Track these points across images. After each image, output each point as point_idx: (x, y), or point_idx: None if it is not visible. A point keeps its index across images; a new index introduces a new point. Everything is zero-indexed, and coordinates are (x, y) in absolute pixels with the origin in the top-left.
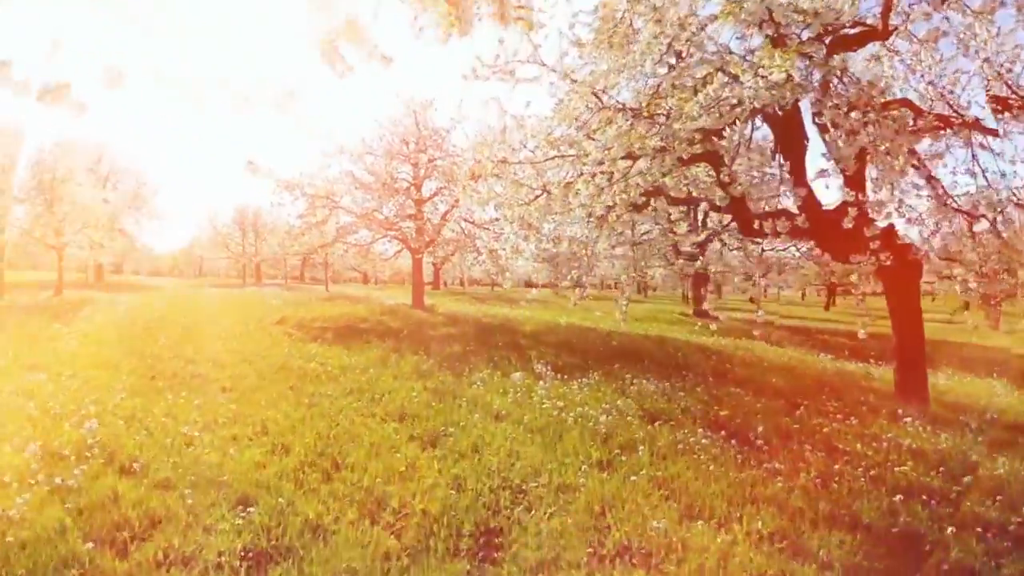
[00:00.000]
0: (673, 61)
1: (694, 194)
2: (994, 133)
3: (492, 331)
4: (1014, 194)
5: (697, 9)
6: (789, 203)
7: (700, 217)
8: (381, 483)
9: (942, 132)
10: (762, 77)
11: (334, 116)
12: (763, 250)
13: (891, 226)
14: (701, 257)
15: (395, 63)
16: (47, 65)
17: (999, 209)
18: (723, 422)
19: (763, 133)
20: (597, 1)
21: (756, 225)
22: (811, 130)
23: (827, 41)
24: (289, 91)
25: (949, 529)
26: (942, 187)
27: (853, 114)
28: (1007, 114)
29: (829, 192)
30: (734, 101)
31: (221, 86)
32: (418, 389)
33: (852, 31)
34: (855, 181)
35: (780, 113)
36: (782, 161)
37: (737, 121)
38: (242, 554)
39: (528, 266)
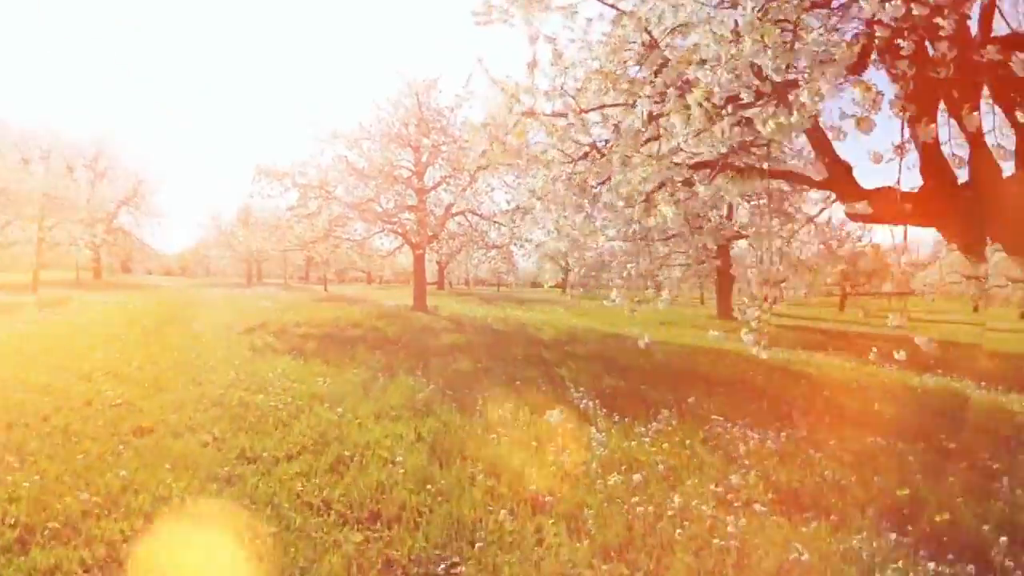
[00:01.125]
0: None
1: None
2: None
3: (507, 340)
4: None
5: None
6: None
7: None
8: None
9: None
10: None
11: (330, 99)
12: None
13: None
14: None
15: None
16: None
17: None
18: (908, 509)
19: None
20: None
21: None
22: None
23: None
24: None
25: None
26: None
27: None
28: None
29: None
30: None
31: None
32: (408, 440)
33: None
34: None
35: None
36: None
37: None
38: None
39: (556, 257)
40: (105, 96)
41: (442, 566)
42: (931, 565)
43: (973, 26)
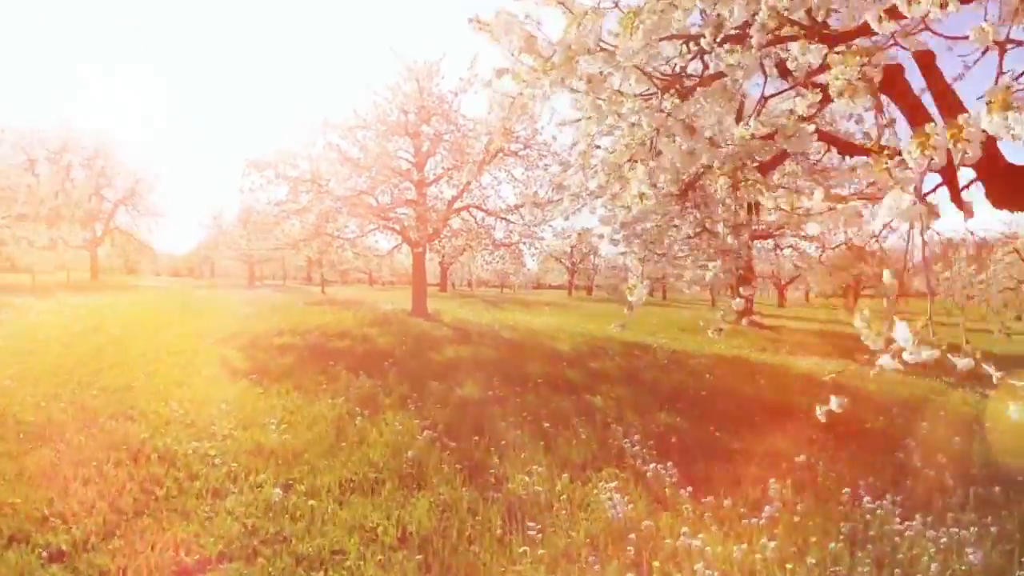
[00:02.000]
0: None
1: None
2: None
3: (520, 353)
4: None
5: None
6: None
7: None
8: None
9: None
10: None
11: (330, 89)
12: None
13: None
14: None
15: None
16: None
17: None
18: None
19: None
20: None
21: None
22: None
23: None
24: None
25: None
26: None
27: None
28: None
29: None
30: None
31: None
32: (387, 544)
33: None
34: None
35: None
36: None
37: None
38: None
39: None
40: (105, 93)
41: None
42: None
43: None
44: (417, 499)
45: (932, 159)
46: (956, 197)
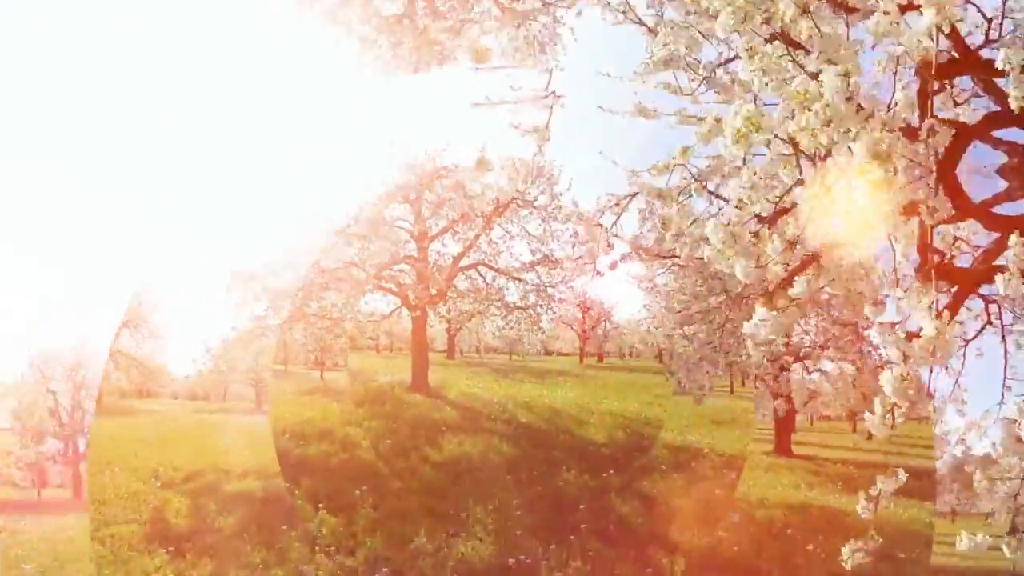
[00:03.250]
0: None
1: None
2: None
3: (545, 451)
4: None
5: None
6: None
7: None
8: None
9: None
10: None
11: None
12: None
13: None
14: None
15: None
16: None
17: None
18: None
19: None
20: None
21: None
22: None
23: None
24: None
25: None
26: None
27: None
28: None
29: None
30: None
31: None
32: None
33: None
34: None
35: None
36: None
37: None
38: None
39: None
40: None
41: None
42: None
43: None
44: None
45: None
46: None
